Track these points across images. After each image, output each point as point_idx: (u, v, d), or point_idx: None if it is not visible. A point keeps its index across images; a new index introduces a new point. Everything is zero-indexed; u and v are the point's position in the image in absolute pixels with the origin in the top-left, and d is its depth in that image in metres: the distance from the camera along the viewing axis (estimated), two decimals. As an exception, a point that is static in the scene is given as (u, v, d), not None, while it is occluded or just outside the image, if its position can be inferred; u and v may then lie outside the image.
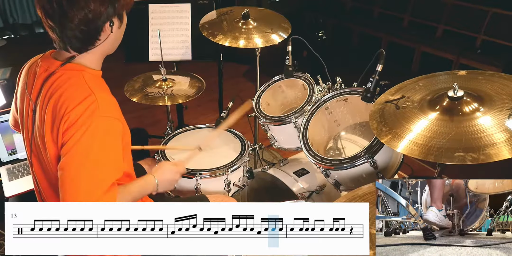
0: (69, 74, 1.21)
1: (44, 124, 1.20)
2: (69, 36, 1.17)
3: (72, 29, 1.16)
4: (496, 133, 1.15)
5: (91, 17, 1.16)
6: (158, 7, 2.51)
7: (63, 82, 1.20)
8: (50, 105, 1.18)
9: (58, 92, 1.18)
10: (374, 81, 1.61)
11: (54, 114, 1.17)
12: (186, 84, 2.31)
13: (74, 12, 1.13)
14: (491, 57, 3.85)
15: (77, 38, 1.18)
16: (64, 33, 1.17)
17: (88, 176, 1.12)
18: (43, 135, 1.20)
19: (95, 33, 1.20)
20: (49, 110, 1.18)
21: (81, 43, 1.21)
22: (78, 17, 1.14)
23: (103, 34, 1.22)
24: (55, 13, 1.14)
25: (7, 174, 2.02)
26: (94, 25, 1.18)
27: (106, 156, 1.15)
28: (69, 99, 1.16)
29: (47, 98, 1.20)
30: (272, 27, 2.27)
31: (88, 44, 1.22)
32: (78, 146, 1.12)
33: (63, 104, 1.16)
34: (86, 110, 1.14)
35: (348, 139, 1.98)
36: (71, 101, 1.15)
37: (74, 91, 1.18)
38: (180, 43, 2.53)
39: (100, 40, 1.23)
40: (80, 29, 1.17)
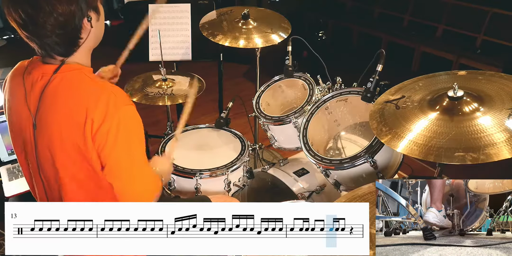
0: (70, 75, 1.17)
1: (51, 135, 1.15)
2: (49, 43, 1.11)
3: (49, 36, 1.10)
4: (496, 133, 1.15)
5: (63, 19, 1.09)
6: (158, 7, 2.51)
7: (68, 85, 1.15)
8: (59, 113, 1.14)
9: (66, 96, 1.14)
10: (374, 81, 1.61)
11: (70, 121, 1.13)
12: (186, 84, 2.31)
13: (43, 18, 1.06)
14: (491, 57, 3.86)
15: (57, 43, 1.12)
16: (43, 42, 1.11)
17: (141, 171, 1.20)
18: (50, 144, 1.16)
19: (75, 33, 1.14)
20: (59, 118, 1.14)
21: (64, 47, 1.15)
22: (49, 23, 1.07)
23: (83, 32, 1.15)
24: (26, 23, 1.07)
25: (7, 174, 2.02)
26: (70, 26, 1.11)
27: (143, 145, 1.20)
28: (85, 100, 1.12)
29: (52, 105, 1.15)
30: (272, 27, 2.27)
31: (72, 46, 1.16)
32: (119, 143, 1.13)
33: (79, 107, 1.12)
34: (109, 105, 1.11)
35: (348, 139, 1.98)
36: (88, 102, 1.12)
37: (85, 90, 1.15)
38: (180, 43, 2.53)
39: (82, 38, 1.16)
40: (57, 34, 1.10)
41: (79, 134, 1.12)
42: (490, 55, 3.88)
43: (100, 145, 1.13)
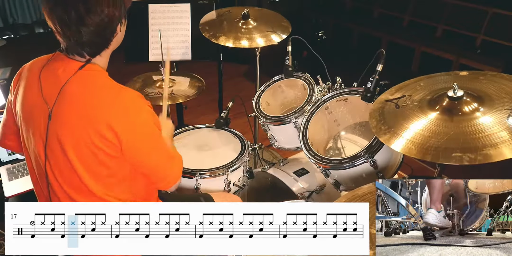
0: (93, 75, 1.23)
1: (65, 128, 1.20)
2: (86, 41, 1.17)
3: (89, 34, 1.16)
4: (495, 133, 1.15)
5: (107, 21, 1.16)
6: (158, 7, 2.51)
7: (90, 84, 1.21)
8: (78, 109, 1.18)
9: (87, 94, 1.20)
10: (374, 81, 1.61)
11: (87, 120, 1.18)
12: (186, 84, 2.31)
13: (92, 18, 1.13)
14: (491, 57, 3.85)
15: (93, 42, 1.19)
16: (80, 40, 1.16)
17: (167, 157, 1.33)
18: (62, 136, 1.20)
19: (110, 36, 1.21)
20: (77, 115, 1.18)
21: (97, 47, 1.22)
22: (96, 22, 1.14)
23: (114, 35, 1.23)
24: (72, 22, 1.13)
25: (7, 174, 2.02)
26: (109, 29, 1.19)
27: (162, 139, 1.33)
28: (108, 102, 1.19)
29: (72, 101, 1.19)
30: (272, 26, 2.27)
31: (102, 47, 1.23)
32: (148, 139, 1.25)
33: (100, 109, 1.18)
34: (135, 103, 1.22)
35: (348, 139, 1.98)
36: (111, 104, 1.19)
37: (108, 91, 1.22)
38: (180, 43, 2.53)
39: (112, 41, 1.24)
40: (97, 34, 1.17)
41: (95, 134, 1.18)
42: (490, 55, 3.88)
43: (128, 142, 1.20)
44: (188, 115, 3.37)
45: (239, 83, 4.32)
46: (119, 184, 1.29)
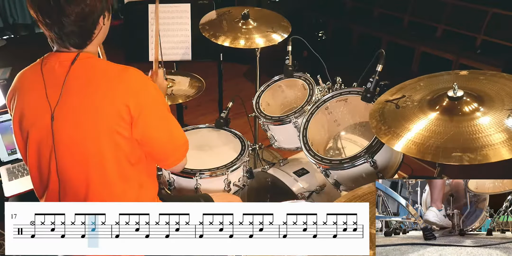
0: (90, 61, 1.24)
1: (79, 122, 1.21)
2: (67, 32, 1.18)
3: (70, 24, 1.16)
4: (495, 133, 1.15)
5: (88, 11, 1.17)
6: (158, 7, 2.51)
7: (91, 70, 1.23)
8: (85, 99, 1.20)
9: (94, 80, 1.21)
10: (374, 81, 1.61)
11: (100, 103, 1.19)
12: (186, 84, 2.31)
13: (72, 7, 1.14)
14: (491, 57, 3.85)
15: (75, 33, 1.19)
16: (62, 30, 1.17)
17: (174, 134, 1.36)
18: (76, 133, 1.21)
19: (91, 27, 1.22)
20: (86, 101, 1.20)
21: (80, 38, 1.22)
22: (75, 12, 1.15)
23: (97, 27, 1.24)
24: (52, 10, 1.14)
25: (7, 174, 2.02)
26: (91, 19, 1.19)
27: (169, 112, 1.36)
28: (115, 83, 1.21)
29: (77, 89, 1.20)
30: (273, 26, 2.27)
31: (86, 39, 1.23)
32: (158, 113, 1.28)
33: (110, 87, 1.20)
34: (140, 79, 1.24)
35: (348, 139, 1.98)
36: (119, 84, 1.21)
37: (111, 72, 1.23)
38: (180, 43, 2.53)
39: (95, 33, 1.25)
40: (78, 25, 1.18)
41: (110, 115, 1.20)
42: (490, 55, 3.88)
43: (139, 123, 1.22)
44: (188, 115, 3.37)
45: (239, 83, 4.32)
46: (135, 167, 1.30)
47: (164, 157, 1.37)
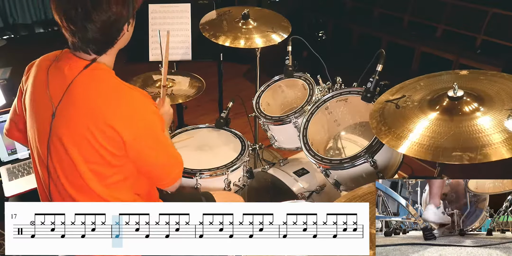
0: (100, 74, 1.22)
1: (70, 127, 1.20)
2: (91, 38, 1.16)
3: (95, 32, 1.15)
4: (495, 133, 1.15)
5: (114, 19, 1.16)
6: (158, 7, 2.51)
7: (95, 84, 1.20)
8: (84, 108, 1.18)
9: (92, 94, 1.19)
10: (374, 81, 1.61)
11: (93, 118, 1.17)
12: (186, 84, 2.31)
13: (98, 15, 1.13)
14: (491, 57, 3.85)
15: (98, 40, 1.18)
16: (85, 37, 1.16)
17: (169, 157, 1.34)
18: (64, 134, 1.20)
19: (116, 35, 1.21)
20: (83, 113, 1.18)
21: (102, 45, 1.20)
22: (102, 20, 1.14)
23: (121, 34, 1.22)
24: (78, 17, 1.12)
25: (7, 174, 2.02)
26: (116, 27, 1.18)
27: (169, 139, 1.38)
28: (114, 101, 1.19)
29: (77, 101, 1.19)
30: (273, 26, 2.27)
31: (109, 45, 1.22)
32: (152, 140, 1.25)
33: (107, 106, 1.18)
34: (140, 104, 1.22)
35: (348, 139, 1.98)
36: (116, 102, 1.19)
37: (114, 90, 1.21)
38: (180, 43, 2.53)
39: (118, 40, 1.23)
40: (103, 32, 1.16)
41: (99, 132, 1.17)
42: (490, 55, 3.88)
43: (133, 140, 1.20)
44: (188, 115, 3.37)
45: (239, 83, 4.32)
46: (122, 184, 1.29)
47: (157, 179, 1.37)
